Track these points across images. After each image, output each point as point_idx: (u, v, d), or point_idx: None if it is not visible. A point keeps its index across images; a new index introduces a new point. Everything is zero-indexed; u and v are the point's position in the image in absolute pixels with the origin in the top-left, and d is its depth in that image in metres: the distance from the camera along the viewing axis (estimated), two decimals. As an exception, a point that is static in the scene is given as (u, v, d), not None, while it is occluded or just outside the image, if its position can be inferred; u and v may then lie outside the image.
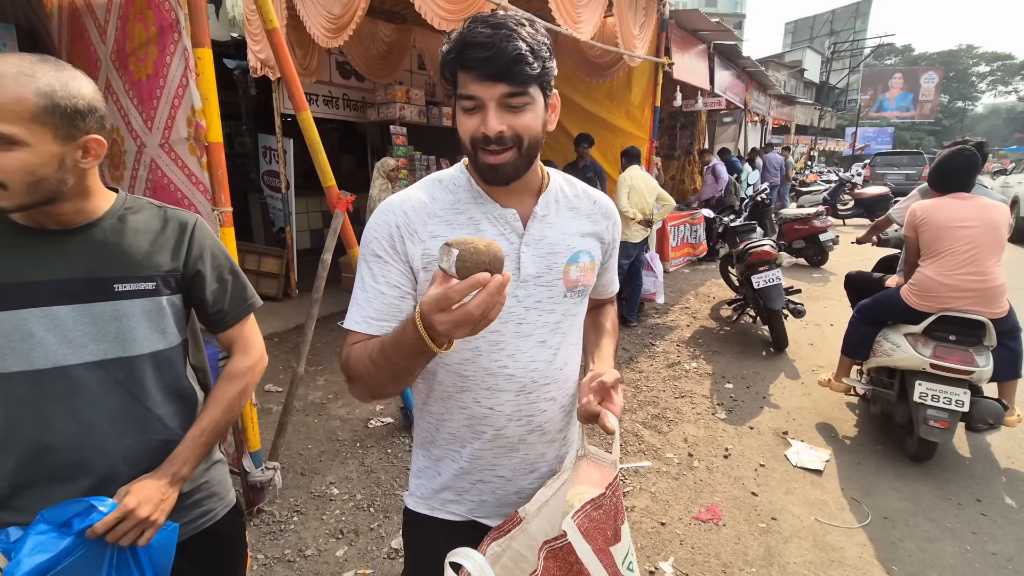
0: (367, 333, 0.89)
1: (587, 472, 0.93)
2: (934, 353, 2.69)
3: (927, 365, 2.69)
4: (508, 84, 0.80)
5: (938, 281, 2.71)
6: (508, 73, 0.79)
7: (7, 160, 0.82)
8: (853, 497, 2.59)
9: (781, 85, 16.72)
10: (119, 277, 0.97)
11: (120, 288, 0.96)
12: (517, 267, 0.92)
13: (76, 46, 2.56)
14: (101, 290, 0.95)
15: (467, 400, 0.96)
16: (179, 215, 1.08)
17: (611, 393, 0.90)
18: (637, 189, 4.77)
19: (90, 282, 0.94)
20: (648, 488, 2.67)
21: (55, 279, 0.92)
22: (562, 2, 4.20)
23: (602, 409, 0.88)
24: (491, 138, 0.82)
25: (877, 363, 3.01)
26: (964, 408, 2.63)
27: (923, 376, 2.73)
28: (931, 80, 37.19)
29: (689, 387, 3.84)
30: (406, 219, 0.90)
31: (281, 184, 5.92)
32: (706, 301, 6.05)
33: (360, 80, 6.62)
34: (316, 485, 2.67)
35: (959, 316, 2.69)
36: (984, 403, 2.70)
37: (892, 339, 2.92)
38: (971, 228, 2.66)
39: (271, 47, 2.17)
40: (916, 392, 2.71)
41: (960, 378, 2.66)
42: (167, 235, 1.04)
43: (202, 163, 2.04)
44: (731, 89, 8.81)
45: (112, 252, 0.97)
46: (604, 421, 0.87)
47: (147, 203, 1.06)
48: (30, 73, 0.82)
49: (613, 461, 0.93)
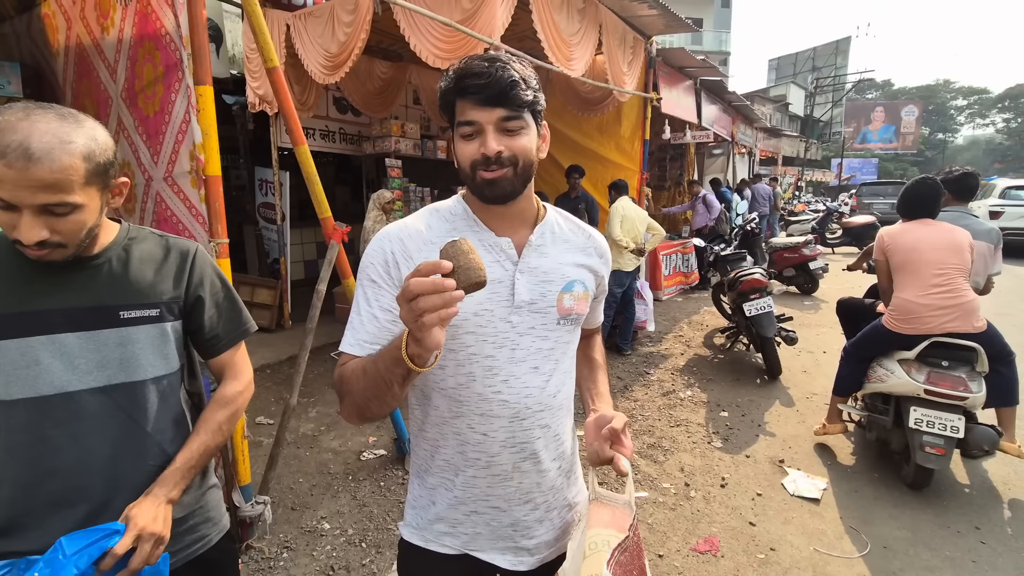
0: (359, 356, 0.90)
1: (598, 514, 0.94)
2: (928, 379, 2.71)
3: (921, 391, 2.71)
4: (505, 108, 0.85)
5: (915, 302, 2.78)
6: (505, 97, 0.85)
7: (68, 224, 0.88)
8: (852, 526, 2.57)
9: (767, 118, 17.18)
10: (125, 305, 1.00)
11: (125, 315, 0.99)
12: (511, 293, 0.94)
13: (84, 84, 2.63)
14: (107, 318, 0.98)
15: (461, 426, 0.96)
16: (180, 244, 1.11)
17: (621, 437, 0.93)
18: (629, 218, 4.86)
19: (96, 310, 0.97)
20: (645, 519, 2.63)
21: (63, 308, 0.94)
22: (555, 42, 4.36)
23: (615, 453, 0.91)
24: (491, 158, 0.86)
25: (872, 389, 3.02)
26: (959, 434, 2.63)
27: (918, 402, 2.74)
28: (911, 113, 38.42)
29: (684, 415, 3.83)
30: (402, 246, 0.93)
31: (277, 216, 5.98)
32: (699, 329, 6.07)
33: (356, 115, 6.77)
34: (307, 520, 2.61)
35: (950, 342, 2.73)
36: (979, 429, 2.71)
37: (886, 365, 2.94)
38: (937, 250, 2.77)
39: (271, 84, 2.24)
40: (911, 418, 2.71)
41: (955, 404, 2.67)
42: (169, 263, 1.07)
43: (201, 196, 2.07)
44: (718, 122, 9.06)
45: (118, 281, 1.00)
46: (618, 465, 0.90)
47: (149, 233, 1.09)
48: (69, 139, 0.85)
49: (627, 502, 0.95)
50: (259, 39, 2.15)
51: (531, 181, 0.95)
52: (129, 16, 2.19)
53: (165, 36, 2.06)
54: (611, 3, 4.98)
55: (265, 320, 5.70)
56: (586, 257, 1.03)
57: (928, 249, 2.79)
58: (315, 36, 4.43)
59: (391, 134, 6.42)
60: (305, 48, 4.51)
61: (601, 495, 0.98)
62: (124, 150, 2.58)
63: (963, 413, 2.69)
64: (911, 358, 2.81)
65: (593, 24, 4.86)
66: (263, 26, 2.12)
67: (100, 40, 2.40)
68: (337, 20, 4.21)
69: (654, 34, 5.95)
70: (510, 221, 0.97)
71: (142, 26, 2.15)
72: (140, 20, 2.15)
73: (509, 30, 3.98)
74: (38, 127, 0.83)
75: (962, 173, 3.15)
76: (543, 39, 4.22)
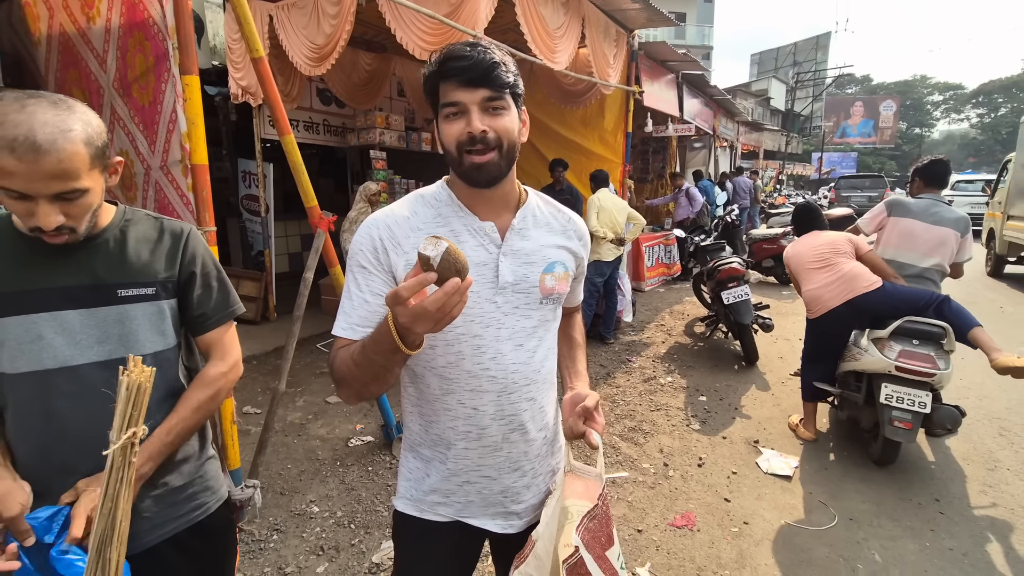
0: (352, 339, 0.95)
1: (572, 485, 1.04)
2: (899, 356, 2.86)
3: (893, 368, 2.85)
4: (488, 88, 0.90)
5: (814, 291, 3.22)
6: (487, 78, 0.90)
7: (78, 208, 0.94)
8: (820, 500, 2.70)
9: (749, 112, 17.42)
10: (122, 283, 1.04)
11: (123, 293, 1.04)
12: (495, 275, 0.99)
13: (70, 73, 2.62)
14: (106, 296, 1.02)
15: (452, 402, 1.02)
16: (173, 225, 1.15)
17: (594, 414, 1.03)
18: (606, 209, 4.94)
19: (96, 288, 1.01)
20: (625, 497, 2.74)
21: (64, 286, 0.99)
22: (539, 35, 4.41)
23: (587, 428, 1.01)
24: (476, 137, 0.90)
25: (848, 367, 3.16)
26: (926, 410, 2.79)
27: (889, 379, 2.89)
28: (889, 108, 39.15)
29: (664, 400, 3.95)
30: (390, 232, 0.98)
31: (261, 208, 5.96)
32: (680, 318, 6.21)
33: (340, 106, 6.75)
34: (296, 504, 2.67)
35: (919, 321, 2.90)
36: (944, 409, 2.87)
37: (861, 344, 3.08)
38: (813, 248, 3.29)
39: (257, 75, 2.27)
40: (882, 394, 2.86)
41: (923, 381, 2.82)
42: (164, 244, 1.11)
43: (188, 184, 2.10)
44: (700, 116, 9.19)
45: (115, 261, 1.04)
46: (589, 439, 1.00)
47: (144, 215, 1.13)
48: (68, 127, 0.89)
49: (598, 474, 1.04)
50: (244, 29, 2.18)
51: (514, 164, 0.99)
52: (116, 5, 2.20)
53: (153, 26, 2.08)
54: (593, -3, 5.04)
55: (250, 312, 5.70)
56: (566, 239, 1.09)
57: (806, 250, 3.33)
58: (299, 27, 4.42)
59: (376, 126, 6.42)
60: (289, 39, 4.50)
61: (575, 467, 1.07)
62: (121, 140, 2.58)
63: (930, 390, 2.84)
64: (884, 337, 2.95)
65: (576, 17, 4.92)
66: (248, 16, 2.15)
67: (86, 29, 2.40)
68: (322, 11, 4.21)
69: (636, 28, 6.03)
70: (493, 205, 1.02)
71: (130, 15, 2.17)
72: (128, 9, 2.16)
73: (493, 23, 4.02)
74: (37, 118, 0.86)
75: (932, 160, 3.28)
76: (527, 32, 4.27)
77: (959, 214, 3.17)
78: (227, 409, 2.32)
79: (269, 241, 5.97)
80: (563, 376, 1.19)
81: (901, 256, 3.16)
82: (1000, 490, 2.79)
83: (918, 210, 3.15)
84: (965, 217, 3.16)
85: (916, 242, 3.12)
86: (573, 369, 1.20)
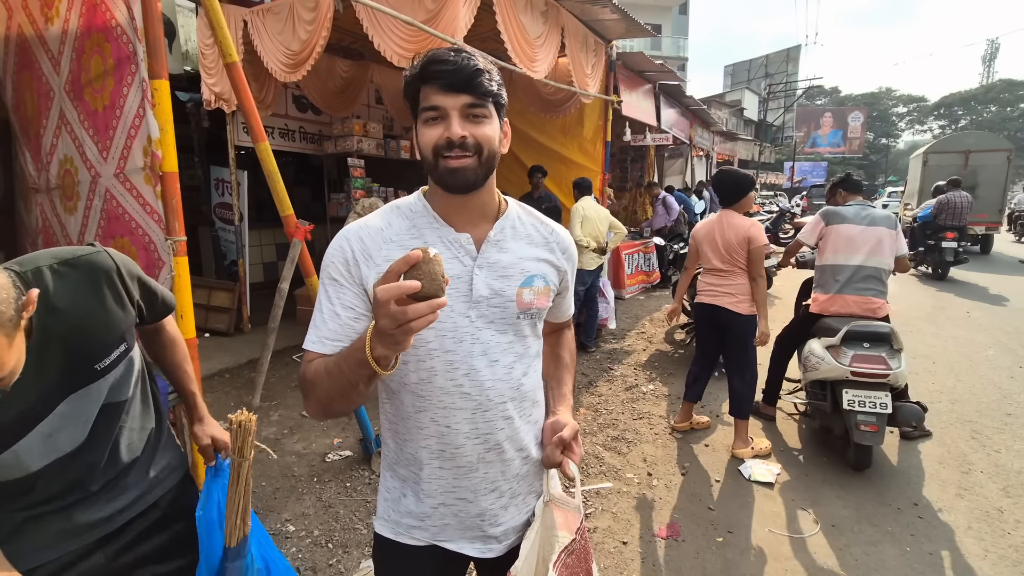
0: (322, 352, 0.92)
1: (551, 516, 1.01)
2: (852, 361, 2.94)
3: (849, 373, 2.93)
4: (470, 95, 0.87)
5: (703, 275, 3.36)
6: (470, 84, 0.87)
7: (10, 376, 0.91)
8: (802, 507, 2.71)
9: (723, 122, 17.75)
10: (96, 357, 1.03)
11: (101, 366, 1.04)
12: (469, 288, 0.95)
13: (24, 75, 2.51)
14: (87, 376, 1.03)
15: (425, 420, 0.98)
16: (89, 260, 1.04)
17: (572, 444, 1.01)
18: (590, 218, 4.95)
19: (74, 375, 1.01)
20: (610, 509, 2.70)
21: (46, 390, 0.99)
22: (518, 44, 4.41)
23: (564, 458, 0.99)
24: (454, 142, 0.87)
25: (810, 377, 3.22)
26: (888, 410, 2.87)
27: (848, 384, 2.96)
28: (857, 119, 40.43)
29: (647, 408, 3.94)
30: (361, 244, 0.94)
31: (234, 216, 5.82)
32: (661, 326, 6.24)
33: (317, 113, 6.65)
34: (271, 523, 2.57)
35: (867, 326, 3.00)
36: (906, 407, 2.97)
37: (817, 353, 3.14)
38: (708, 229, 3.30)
39: (231, 81, 2.20)
40: (844, 400, 2.92)
41: (880, 382, 2.91)
42: (104, 289, 1.04)
43: (157, 192, 2.02)
44: (677, 125, 9.32)
45: (76, 336, 1.00)
46: (565, 469, 0.99)
47: (44, 267, 0.99)
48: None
49: (577, 506, 1.02)
50: (217, 33, 2.11)
51: (493, 173, 0.96)
52: (76, 7, 2.12)
53: (116, 28, 2.00)
54: (572, 7, 5.08)
55: (223, 324, 5.54)
56: (548, 252, 1.05)
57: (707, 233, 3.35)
58: (275, 33, 4.34)
59: (353, 133, 6.34)
60: (264, 45, 4.42)
61: (555, 497, 1.04)
62: (66, 145, 2.48)
63: (889, 390, 2.93)
64: (836, 344, 3.03)
65: (556, 27, 4.95)
66: (221, 20, 2.09)
67: (44, 31, 2.30)
68: (298, 17, 4.15)
69: (614, 38, 6.09)
70: (471, 215, 0.98)
71: (90, 17, 2.08)
72: (88, 11, 2.08)
73: (473, 31, 4.01)
74: None
75: (847, 174, 3.69)
76: (506, 40, 4.27)
77: (887, 213, 3.37)
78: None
79: (243, 250, 5.82)
80: (547, 397, 1.15)
81: (846, 260, 3.26)
82: (975, 493, 2.83)
83: (851, 215, 3.30)
84: (892, 214, 3.37)
85: (856, 245, 3.23)
86: (558, 392, 1.15)
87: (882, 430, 2.87)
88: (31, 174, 2.74)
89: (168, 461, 1.26)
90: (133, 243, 2.41)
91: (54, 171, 2.57)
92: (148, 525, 1.20)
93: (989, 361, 4.89)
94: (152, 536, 1.21)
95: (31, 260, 0.99)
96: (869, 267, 3.20)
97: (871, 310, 3.17)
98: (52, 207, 2.67)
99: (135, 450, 1.17)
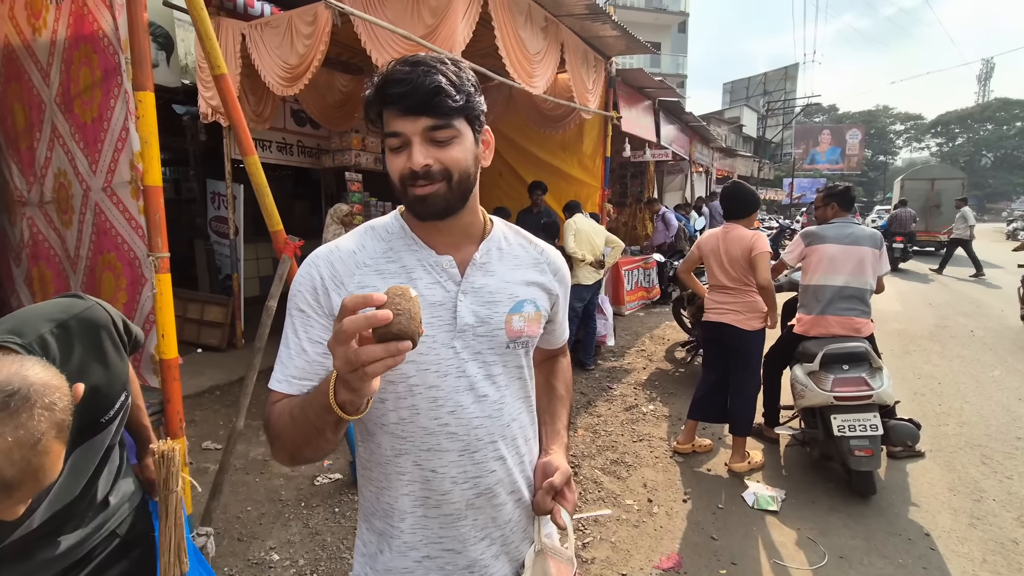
0: (288, 393, 0.83)
1: (543, 567, 0.93)
2: (834, 385, 2.87)
3: (832, 399, 2.86)
4: (430, 116, 0.78)
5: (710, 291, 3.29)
6: (428, 105, 0.78)
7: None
8: (809, 536, 2.60)
9: (723, 139, 17.83)
10: (103, 411, 1.02)
11: (106, 418, 1.03)
12: (453, 316, 0.87)
13: (13, 87, 2.46)
14: (93, 429, 1.02)
15: (406, 464, 0.88)
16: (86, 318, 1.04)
17: (564, 491, 0.91)
18: (583, 231, 4.90)
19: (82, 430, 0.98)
20: (608, 538, 2.59)
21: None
22: (517, 59, 4.39)
23: (555, 505, 0.90)
24: (418, 173, 0.79)
25: (800, 405, 3.14)
26: (879, 431, 2.79)
27: (836, 410, 2.88)
28: (855, 136, 40.69)
29: (647, 430, 3.84)
30: (332, 270, 0.86)
31: (230, 230, 5.76)
32: (661, 343, 6.15)
33: (315, 128, 6.64)
34: (254, 551, 2.46)
35: (842, 348, 2.94)
36: (898, 426, 2.90)
37: (801, 380, 3.07)
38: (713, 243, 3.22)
39: (219, 92, 2.15)
40: (835, 426, 2.84)
41: (865, 404, 2.83)
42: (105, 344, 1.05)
43: (140, 207, 1.95)
44: (676, 142, 9.32)
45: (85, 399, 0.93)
46: (557, 517, 0.89)
47: (45, 333, 0.96)
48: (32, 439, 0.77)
49: (569, 558, 0.94)
50: (206, 45, 2.06)
51: (471, 193, 0.88)
52: (63, 16, 2.07)
53: (103, 38, 1.95)
54: (571, 23, 5.08)
55: (215, 339, 5.46)
56: (538, 274, 0.97)
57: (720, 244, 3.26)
58: (273, 47, 4.33)
59: (351, 147, 6.31)
60: (262, 59, 4.40)
61: (547, 547, 0.95)
62: (60, 158, 2.42)
63: (878, 410, 2.85)
64: (816, 369, 2.96)
65: (555, 43, 4.94)
66: (210, 31, 2.03)
67: (31, 41, 2.25)
68: (295, 31, 4.13)
69: (614, 55, 6.10)
70: (453, 237, 0.90)
71: (77, 27, 2.03)
72: (75, 21, 2.03)
73: (472, 47, 3.99)
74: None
75: (845, 187, 3.46)
76: (505, 56, 4.25)
77: (871, 231, 3.30)
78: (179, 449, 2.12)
79: (238, 264, 5.75)
80: (540, 433, 1.04)
81: (827, 280, 3.19)
82: (988, 522, 2.72)
83: (833, 235, 3.24)
84: (877, 233, 3.29)
85: (837, 265, 3.17)
86: (551, 428, 1.05)
87: (877, 453, 2.79)
88: (17, 187, 2.67)
89: (125, 489, 1.21)
90: (119, 258, 2.35)
91: (49, 185, 2.51)
92: (108, 553, 1.15)
93: (996, 382, 4.80)
94: (112, 565, 1.16)
95: (26, 326, 0.95)
96: (851, 287, 3.14)
97: (854, 330, 3.11)
98: (48, 221, 2.61)
99: (107, 486, 1.14)
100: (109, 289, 2.33)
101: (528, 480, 0.98)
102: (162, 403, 2.01)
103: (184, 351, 4.10)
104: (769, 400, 3.62)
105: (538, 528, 0.94)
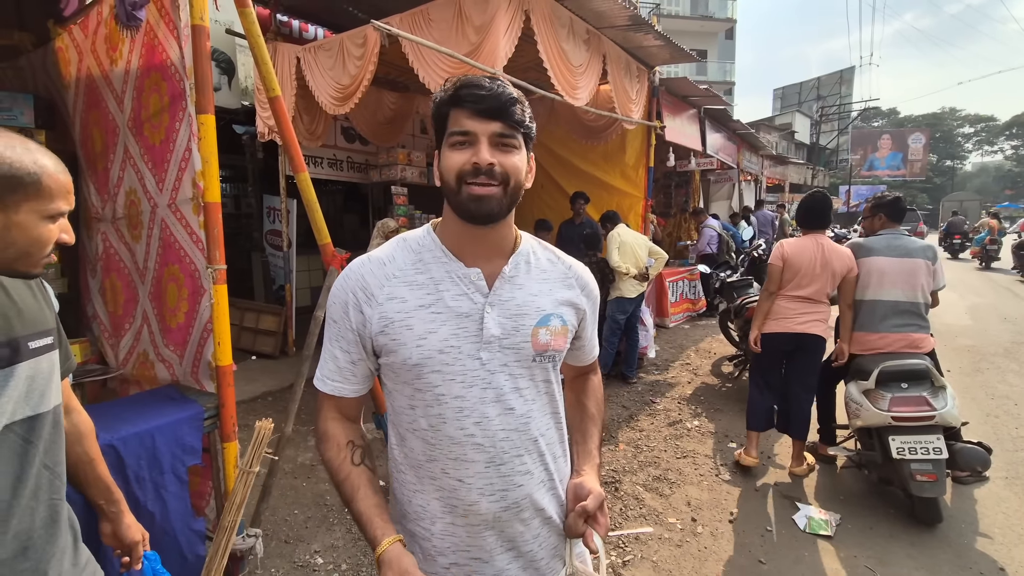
0: (325, 393, 0.96)
1: None
2: (891, 405, 2.69)
3: (890, 419, 2.68)
4: (502, 123, 0.84)
5: (785, 300, 3.15)
6: (503, 112, 0.83)
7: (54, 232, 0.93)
8: (867, 566, 2.45)
9: (773, 146, 17.26)
10: (30, 335, 0.94)
11: (33, 346, 0.94)
12: (480, 328, 0.89)
13: (93, 114, 2.68)
14: (19, 351, 0.92)
15: (436, 470, 0.91)
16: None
17: (596, 515, 0.91)
18: (627, 243, 4.84)
19: (8, 344, 0.91)
20: (650, 557, 2.53)
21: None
22: (560, 72, 4.42)
23: (588, 528, 0.90)
24: (481, 168, 0.83)
25: (855, 425, 2.96)
26: (943, 455, 2.59)
27: (894, 431, 2.69)
28: (919, 140, 38.48)
29: (691, 447, 3.73)
30: (363, 283, 0.91)
31: (283, 243, 6.04)
32: (707, 357, 5.98)
33: (364, 144, 6.88)
34: (300, 553, 2.54)
35: (901, 365, 2.78)
36: (966, 449, 2.69)
37: (855, 398, 2.90)
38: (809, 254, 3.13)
39: (273, 113, 2.27)
40: (893, 448, 2.66)
41: (927, 425, 2.63)
42: (37, 291, 1.02)
43: (200, 222, 2.08)
44: (723, 150, 9.10)
45: (16, 310, 0.94)
46: (589, 541, 0.89)
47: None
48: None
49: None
50: (261, 69, 2.19)
51: (514, 207, 0.91)
52: (137, 48, 2.25)
53: (171, 67, 2.11)
54: (614, 35, 5.07)
55: (269, 347, 5.70)
56: (566, 289, 0.98)
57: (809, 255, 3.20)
58: (325, 68, 4.53)
59: (398, 162, 6.51)
60: (315, 80, 4.61)
61: (578, 570, 0.94)
62: (131, 178, 2.62)
63: (941, 432, 2.64)
64: (871, 387, 2.79)
65: (597, 54, 4.94)
66: (265, 56, 2.16)
67: (109, 71, 2.46)
68: (347, 53, 4.31)
69: (658, 64, 6.04)
70: (486, 249, 0.93)
71: (149, 57, 2.20)
72: (147, 52, 2.20)
73: (513, 62, 4.05)
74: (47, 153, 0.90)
75: (894, 197, 3.26)
76: (549, 68, 4.28)
77: (924, 243, 3.11)
78: (230, 453, 2.23)
79: (290, 275, 6.01)
80: (571, 453, 1.05)
81: (881, 295, 3.02)
82: (1074, 559, 2.49)
83: (881, 247, 3.07)
84: (931, 245, 3.11)
85: (888, 279, 3.00)
86: (583, 448, 1.04)
87: (942, 478, 2.59)
88: (94, 204, 2.90)
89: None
90: (182, 270, 2.50)
91: (120, 202, 2.72)
92: None
93: None
94: None
95: None
96: (905, 302, 2.96)
97: (913, 346, 2.92)
98: (120, 236, 2.82)
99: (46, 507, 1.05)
100: (172, 299, 2.49)
101: (558, 499, 0.98)
102: (217, 407, 2.12)
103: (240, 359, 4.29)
104: (824, 417, 3.46)
105: (570, 550, 0.94)
